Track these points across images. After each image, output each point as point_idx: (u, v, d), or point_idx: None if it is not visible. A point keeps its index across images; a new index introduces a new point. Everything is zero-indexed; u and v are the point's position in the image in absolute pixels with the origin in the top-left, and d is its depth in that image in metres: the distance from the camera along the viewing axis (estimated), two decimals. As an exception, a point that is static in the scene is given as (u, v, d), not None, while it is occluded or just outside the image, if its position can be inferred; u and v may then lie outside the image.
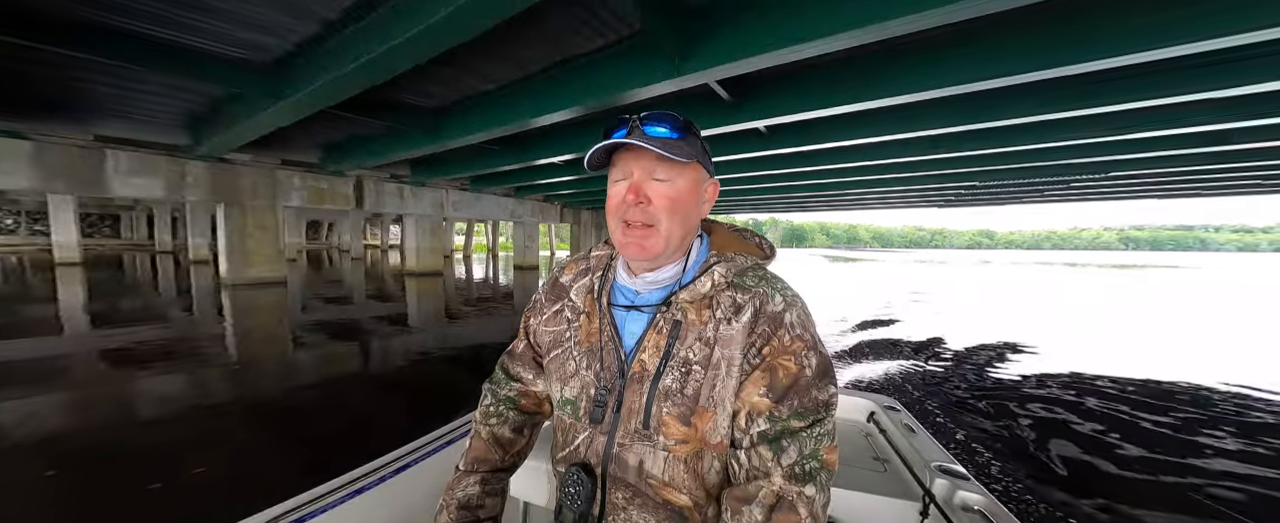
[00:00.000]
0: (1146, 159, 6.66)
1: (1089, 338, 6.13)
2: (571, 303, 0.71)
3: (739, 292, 0.61)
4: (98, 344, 4.48)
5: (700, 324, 0.60)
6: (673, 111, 0.61)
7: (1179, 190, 10.77)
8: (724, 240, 0.68)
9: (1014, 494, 2.15)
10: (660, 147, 0.56)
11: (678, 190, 0.59)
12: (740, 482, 0.58)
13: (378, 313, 6.68)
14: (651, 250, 0.60)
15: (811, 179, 9.21)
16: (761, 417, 0.57)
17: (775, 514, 0.54)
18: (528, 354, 0.77)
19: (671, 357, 0.60)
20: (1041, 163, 6.75)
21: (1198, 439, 2.87)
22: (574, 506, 0.63)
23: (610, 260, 0.71)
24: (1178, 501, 2.18)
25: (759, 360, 0.58)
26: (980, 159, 6.93)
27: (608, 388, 0.63)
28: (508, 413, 0.77)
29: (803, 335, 0.59)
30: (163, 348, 4.37)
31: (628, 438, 0.61)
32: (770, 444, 0.56)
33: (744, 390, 0.58)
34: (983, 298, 10.85)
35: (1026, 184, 9.64)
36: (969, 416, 3.13)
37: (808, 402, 0.57)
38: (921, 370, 4.25)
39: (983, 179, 8.63)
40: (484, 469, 0.73)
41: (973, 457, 2.51)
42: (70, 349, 4.32)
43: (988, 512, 0.96)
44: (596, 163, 0.62)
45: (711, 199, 0.66)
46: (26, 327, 5.24)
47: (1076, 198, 13.23)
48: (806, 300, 0.63)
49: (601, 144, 0.58)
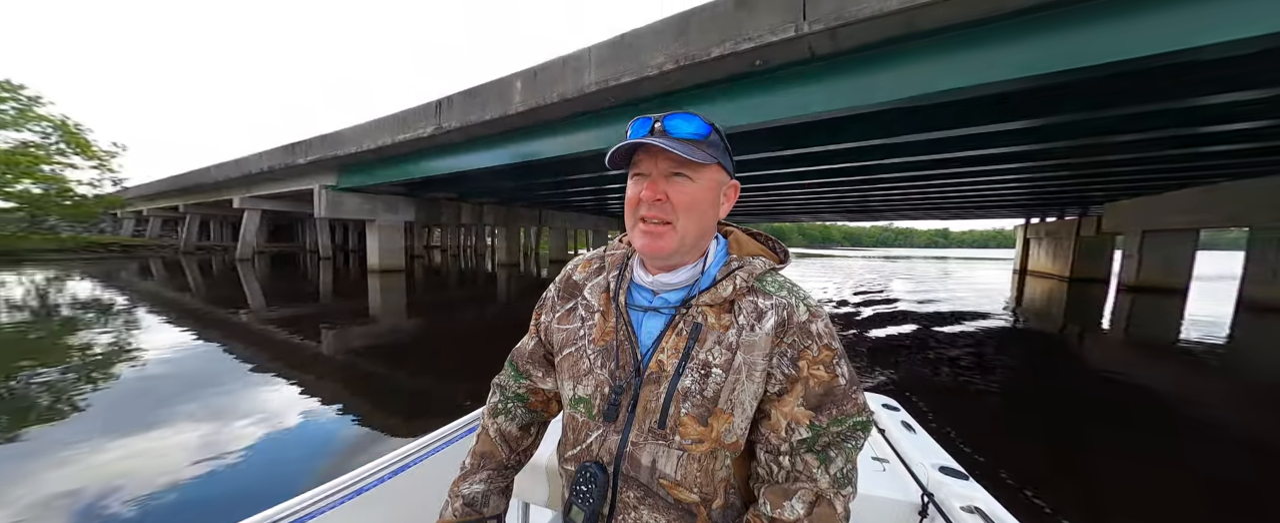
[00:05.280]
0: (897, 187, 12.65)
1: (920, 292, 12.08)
2: (585, 301, 0.67)
3: (761, 297, 0.59)
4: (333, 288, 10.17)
5: (721, 328, 0.58)
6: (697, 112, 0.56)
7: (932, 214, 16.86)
8: (742, 243, 0.64)
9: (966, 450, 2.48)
10: (680, 147, 0.53)
11: (697, 190, 0.56)
12: (778, 481, 0.57)
13: (470, 292, 12.36)
14: (666, 247, 0.57)
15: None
16: (801, 426, 0.56)
17: (816, 509, 0.55)
18: (538, 352, 0.73)
19: (691, 358, 0.57)
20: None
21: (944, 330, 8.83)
22: (585, 504, 0.60)
23: (627, 259, 0.67)
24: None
25: (794, 371, 0.57)
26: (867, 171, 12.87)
27: (622, 387, 0.59)
28: (516, 410, 0.74)
29: (830, 345, 0.58)
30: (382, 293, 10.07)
31: (641, 437, 0.58)
32: (816, 453, 0.56)
33: (784, 403, 0.57)
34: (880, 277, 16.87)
35: (855, 203, 15.67)
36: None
37: (848, 408, 0.57)
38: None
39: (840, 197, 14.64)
40: (490, 466, 0.70)
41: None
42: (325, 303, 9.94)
43: (987, 512, 0.89)
44: (618, 161, 0.58)
45: (732, 200, 0.62)
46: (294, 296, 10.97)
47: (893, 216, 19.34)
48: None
49: (622, 144, 0.55)
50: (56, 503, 2.08)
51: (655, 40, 5.27)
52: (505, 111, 7.27)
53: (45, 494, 2.14)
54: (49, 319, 6.70)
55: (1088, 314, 9.03)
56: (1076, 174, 9.16)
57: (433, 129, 8.65)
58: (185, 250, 24.41)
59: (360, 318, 7.38)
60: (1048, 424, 3.37)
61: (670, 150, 0.53)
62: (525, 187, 13.55)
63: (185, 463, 2.44)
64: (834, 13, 4.00)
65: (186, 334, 5.75)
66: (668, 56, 5.14)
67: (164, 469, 2.37)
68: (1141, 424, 3.33)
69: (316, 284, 12.17)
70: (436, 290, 11.49)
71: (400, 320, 7.28)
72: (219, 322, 6.67)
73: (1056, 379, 4.62)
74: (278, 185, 15.57)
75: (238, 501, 2.12)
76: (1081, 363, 5.46)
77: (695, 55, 4.92)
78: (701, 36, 4.85)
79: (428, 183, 12.02)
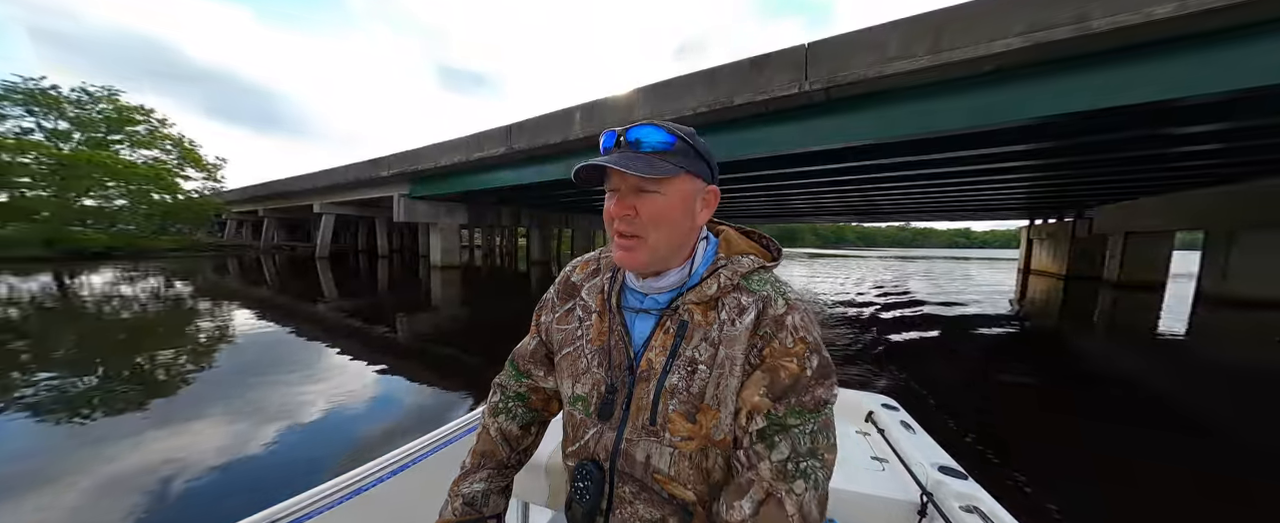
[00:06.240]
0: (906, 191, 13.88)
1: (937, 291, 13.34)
2: (583, 302, 0.68)
3: (744, 294, 0.59)
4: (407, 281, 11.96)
5: (706, 325, 0.58)
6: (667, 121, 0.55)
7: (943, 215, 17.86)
8: (732, 242, 0.63)
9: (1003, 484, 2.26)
10: (640, 164, 0.52)
11: (665, 202, 0.55)
12: (739, 477, 0.56)
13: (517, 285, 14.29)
14: (638, 261, 0.57)
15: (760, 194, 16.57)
16: (759, 415, 0.55)
17: (763, 509, 0.52)
18: (540, 351, 0.73)
19: (678, 356, 0.58)
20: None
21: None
22: (583, 500, 0.60)
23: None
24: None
25: (758, 360, 0.56)
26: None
27: (616, 386, 0.60)
28: (517, 409, 0.73)
29: (805, 337, 0.56)
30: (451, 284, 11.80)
31: (635, 434, 0.59)
32: (764, 441, 0.54)
33: (746, 390, 0.56)
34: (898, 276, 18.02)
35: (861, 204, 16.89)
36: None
37: (806, 399, 0.55)
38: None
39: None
40: (490, 465, 0.69)
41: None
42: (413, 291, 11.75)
43: (986, 511, 0.89)
44: (586, 177, 0.57)
45: (712, 205, 0.60)
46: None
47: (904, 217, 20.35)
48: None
49: (579, 165, 0.54)
50: (286, 405, 3.51)
51: (691, 87, 6.88)
52: (566, 137, 8.98)
53: (273, 407, 3.51)
54: (215, 305, 8.70)
55: (1073, 307, 9.98)
56: (1067, 180, 10.29)
57: (504, 149, 10.45)
58: (264, 250, 27.24)
59: (445, 307, 9.07)
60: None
61: (628, 173, 0.53)
62: (566, 195, 15.32)
63: (341, 392, 3.57)
64: (826, 76, 5.54)
65: (332, 313, 7.67)
66: (700, 101, 6.75)
67: (335, 391, 3.63)
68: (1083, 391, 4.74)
69: (393, 278, 14.14)
70: (486, 283, 13.07)
71: (468, 308, 8.61)
72: (348, 307, 8.68)
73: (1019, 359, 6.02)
74: (358, 193, 17.78)
75: (370, 428, 2.89)
76: (1056, 346, 6.53)
77: (722, 101, 6.50)
78: (727, 87, 6.44)
79: (483, 191, 13.86)
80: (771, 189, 12.61)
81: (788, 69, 5.86)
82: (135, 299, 8.59)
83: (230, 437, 2.74)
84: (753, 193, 13.27)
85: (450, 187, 13.69)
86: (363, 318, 6.99)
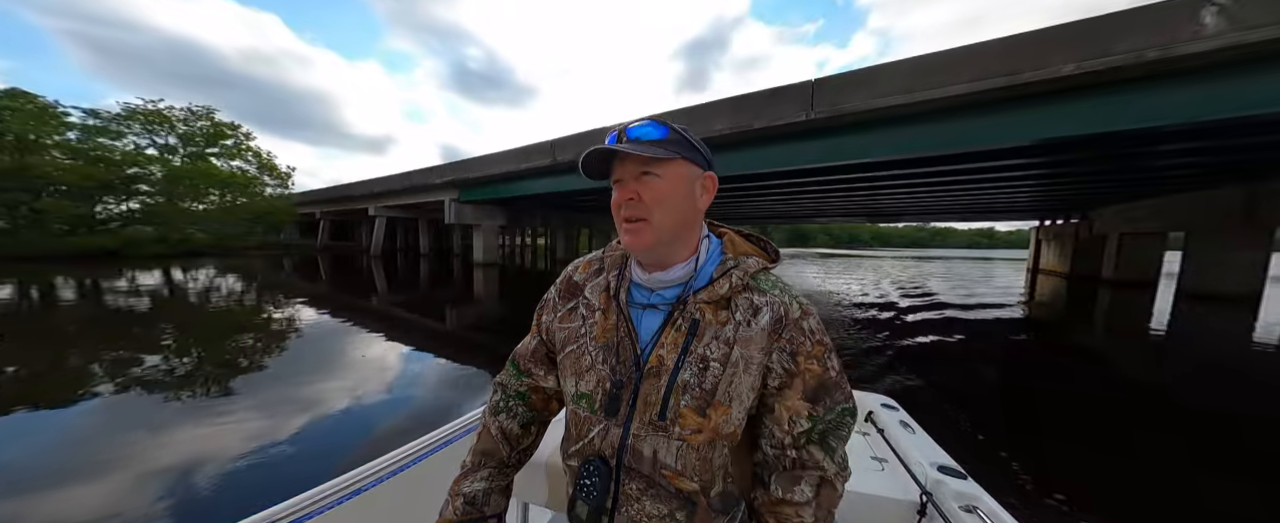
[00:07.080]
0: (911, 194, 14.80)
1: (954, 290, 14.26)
2: (586, 300, 0.68)
3: (756, 294, 0.61)
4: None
5: (717, 324, 0.60)
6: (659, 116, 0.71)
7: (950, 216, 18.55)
8: (736, 244, 0.66)
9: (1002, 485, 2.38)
10: (637, 147, 0.56)
11: (665, 185, 0.58)
12: (785, 468, 0.60)
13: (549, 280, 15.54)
14: (645, 241, 0.59)
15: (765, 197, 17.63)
16: (802, 417, 0.59)
17: (822, 491, 0.60)
18: (541, 351, 0.73)
19: (690, 353, 0.59)
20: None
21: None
22: (589, 498, 0.61)
23: (625, 260, 0.68)
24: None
25: (793, 366, 0.59)
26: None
27: (623, 382, 0.61)
28: (517, 408, 0.73)
29: (821, 340, 0.61)
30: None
31: (643, 430, 0.59)
32: (817, 443, 0.59)
33: (785, 397, 0.60)
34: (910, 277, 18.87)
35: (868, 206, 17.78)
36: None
37: (837, 396, 0.60)
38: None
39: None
40: (491, 464, 0.69)
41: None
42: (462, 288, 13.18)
43: (985, 511, 0.89)
44: (594, 172, 0.61)
45: (710, 190, 0.62)
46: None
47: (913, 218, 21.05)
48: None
49: (588, 150, 0.58)
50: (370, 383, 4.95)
51: (717, 111, 8.14)
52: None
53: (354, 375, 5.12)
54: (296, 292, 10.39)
55: (1071, 303, 10.63)
56: (1064, 186, 11.15)
57: (549, 161, 11.88)
58: (319, 248, 29.65)
59: (493, 298, 10.65)
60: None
61: (627, 151, 0.56)
62: (587, 199, 16.70)
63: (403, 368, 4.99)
64: (829, 107, 6.73)
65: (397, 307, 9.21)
66: (725, 125, 8.00)
67: (389, 366, 4.92)
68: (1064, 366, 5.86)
69: (443, 275, 15.58)
70: (521, 279, 14.27)
71: (510, 298, 10.14)
72: (408, 299, 10.25)
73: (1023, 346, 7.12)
74: (409, 197, 19.60)
75: (419, 398, 3.46)
76: (1053, 332, 7.69)
77: (743, 125, 7.75)
78: (748, 113, 7.68)
79: (522, 197, 15.31)
80: (787, 194, 13.79)
81: (795, 100, 7.08)
82: (281, 290, 10.34)
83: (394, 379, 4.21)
84: (770, 198, 14.44)
85: (495, 192, 15.26)
86: (450, 304, 8.79)
